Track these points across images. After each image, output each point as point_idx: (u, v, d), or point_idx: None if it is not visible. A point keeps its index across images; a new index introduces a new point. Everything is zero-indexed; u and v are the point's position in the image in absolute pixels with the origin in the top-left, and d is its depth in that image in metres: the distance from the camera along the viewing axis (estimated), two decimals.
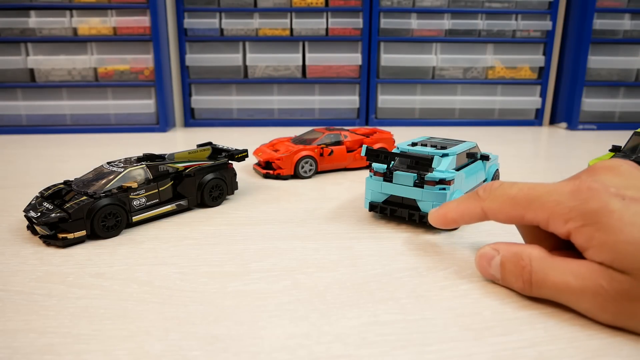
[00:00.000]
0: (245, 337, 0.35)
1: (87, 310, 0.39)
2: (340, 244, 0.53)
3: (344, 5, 1.37)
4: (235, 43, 1.38)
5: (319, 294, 0.42)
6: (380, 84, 1.44)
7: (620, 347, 0.34)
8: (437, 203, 0.54)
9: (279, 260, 0.49)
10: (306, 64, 1.40)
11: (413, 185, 0.56)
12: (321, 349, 0.34)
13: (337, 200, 0.69)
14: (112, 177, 0.57)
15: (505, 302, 0.40)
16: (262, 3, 1.36)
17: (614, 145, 0.68)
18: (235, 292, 0.42)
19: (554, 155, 1.06)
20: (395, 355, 0.33)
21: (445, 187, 0.54)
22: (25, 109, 1.31)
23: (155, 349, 0.34)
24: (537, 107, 1.47)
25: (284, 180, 0.81)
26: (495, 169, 0.70)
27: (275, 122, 1.44)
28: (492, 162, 0.70)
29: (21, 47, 1.27)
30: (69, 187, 0.57)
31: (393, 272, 0.46)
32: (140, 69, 1.32)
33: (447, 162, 0.57)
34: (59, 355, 0.33)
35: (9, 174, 0.85)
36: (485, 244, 0.44)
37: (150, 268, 0.47)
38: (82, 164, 0.93)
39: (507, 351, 0.34)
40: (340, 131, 0.88)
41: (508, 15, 1.40)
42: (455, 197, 0.55)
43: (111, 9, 1.27)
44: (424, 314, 0.38)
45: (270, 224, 0.59)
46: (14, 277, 0.45)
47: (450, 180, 0.55)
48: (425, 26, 1.39)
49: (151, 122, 1.35)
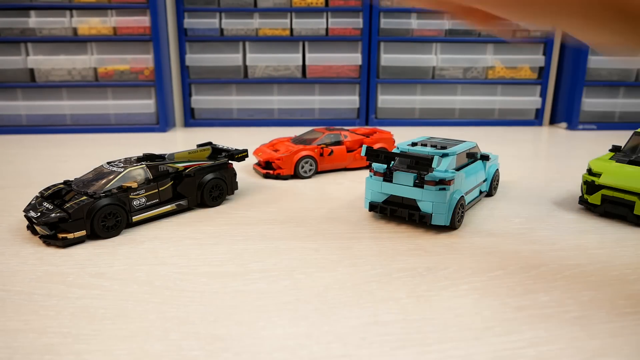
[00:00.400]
0: (245, 337, 0.35)
1: (87, 310, 0.39)
2: (340, 244, 0.53)
3: (344, 5, 1.37)
4: (235, 43, 1.38)
5: (319, 294, 0.42)
6: (380, 84, 1.43)
7: (621, 347, 0.34)
8: (437, 203, 0.54)
9: (279, 260, 0.49)
10: (306, 64, 1.40)
11: (413, 185, 0.56)
12: (321, 349, 0.34)
13: (337, 200, 0.69)
14: (112, 177, 0.57)
15: (505, 302, 0.40)
16: (262, 3, 1.36)
17: (614, 145, 0.68)
18: (235, 292, 0.42)
19: (554, 155, 1.06)
20: (395, 355, 0.33)
21: (445, 187, 0.54)
22: (25, 109, 1.31)
23: (155, 349, 0.34)
24: (537, 107, 1.47)
25: (284, 180, 0.81)
26: (495, 169, 0.70)
27: (275, 122, 1.44)
28: (492, 162, 0.70)
29: (21, 47, 1.27)
30: (69, 187, 0.57)
31: (393, 272, 0.46)
32: (140, 69, 1.32)
33: (447, 162, 0.57)
34: (59, 355, 0.33)
35: (8, 174, 0.85)
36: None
37: (150, 268, 0.47)
38: (82, 164, 0.93)
39: (507, 351, 0.34)
40: (340, 131, 0.88)
41: None
42: (455, 198, 0.55)
43: (111, 9, 1.27)
44: (424, 314, 0.38)
45: (270, 224, 0.59)
46: (14, 277, 0.45)
47: (450, 180, 0.55)
48: (425, 26, 1.39)
49: (151, 122, 1.35)
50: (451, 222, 0.55)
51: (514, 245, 0.53)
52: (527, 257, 0.50)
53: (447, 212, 0.55)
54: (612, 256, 0.50)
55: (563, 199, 0.70)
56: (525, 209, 0.65)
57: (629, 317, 0.38)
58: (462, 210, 0.57)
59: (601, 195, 0.61)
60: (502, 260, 0.49)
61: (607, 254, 0.51)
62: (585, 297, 0.41)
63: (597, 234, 0.57)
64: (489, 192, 0.70)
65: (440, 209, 0.54)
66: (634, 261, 0.49)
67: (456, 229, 0.57)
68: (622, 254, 0.51)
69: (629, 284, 0.44)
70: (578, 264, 0.48)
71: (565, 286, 0.43)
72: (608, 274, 0.46)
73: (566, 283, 0.44)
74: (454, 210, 0.55)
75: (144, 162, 0.61)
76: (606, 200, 0.61)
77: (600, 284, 0.44)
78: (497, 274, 0.46)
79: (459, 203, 0.56)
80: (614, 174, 0.60)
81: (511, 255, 0.50)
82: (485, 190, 0.69)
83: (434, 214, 0.55)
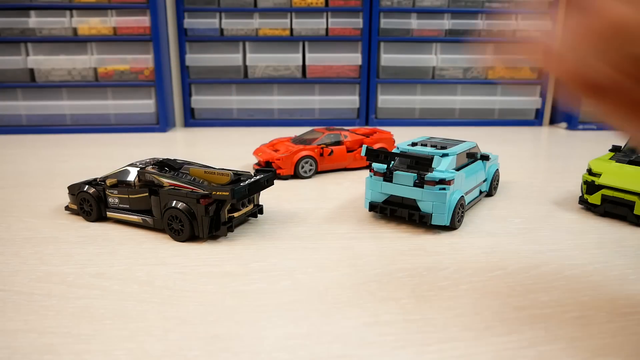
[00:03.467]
0: (245, 337, 0.35)
1: (87, 310, 0.39)
2: (340, 244, 0.53)
3: (344, 5, 1.37)
4: (235, 43, 1.38)
5: (319, 294, 0.42)
6: (380, 84, 1.43)
7: (621, 347, 0.34)
8: (437, 203, 0.54)
9: (279, 260, 0.49)
10: (306, 64, 1.40)
11: (413, 185, 0.56)
12: (321, 349, 0.34)
13: (337, 200, 0.69)
14: (116, 170, 0.60)
15: (505, 302, 0.40)
16: (262, 3, 1.36)
17: (614, 145, 0.68)
18: (235, 292, 0.42)
19: (554, 155, 1.06)
20: (395, 355, 0.33)
21: (445, 187, 0.54)
22: (25, 109, 1.31)
23: (155, 349, 0.34)
24: (537, 107, 1.47)
25: (284, 180, 0.81)
26: (495, 169, 0.70)
27: (275, 122, 1.44)
28: (492, 162, 0.70)
29: (21, 47, 1.27)
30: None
31: (393, 272, 0.46)
32: (140, 69, 1.32)
33: (447, 162, 0.57)
34: (59, 355, 0.33)
35: (9, 174, 0.85)
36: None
37: (150, 268, 0.47)
38: (82, 164, 0.93)
39: (507, 351, 0.34)
40: (340, 131, 0.88)
41: (508, 15, 1.40)
42: (455, 198, 0.55)
43: (111, 9, 1.27)
44: (424, 314, 0.38)
45: (270, 224, 0.59)
46: (14, 277, 0.45)
47: (450, 180, 0.55)
48: (425, 26, 1.39)
49: (151, 122, 1.35)
50: (451, 222, 0.55)
51: (514, 245, 0.53)
52: (527, 257, 0.50)
53: (447, 212, 0.55)
54: (612, 256, 0.50)
55: (563, 199, 0.70)
56: (525, 209, 0.65)
57: (629, 317, 0.38)
58: (462, 211, 0.57)
59: (601, 195, 0.61)
60: (502, 260, 0.49)
61: (607, 254, 0.51)
62: (585, 297, 0.41)
63: (597, 234, 0.57)
64: (489, 192, 0.70)
65: (440, 209, 0.54)
66: (634, 261, 0.49)
67: (456, 229, 0.57)
68: (622, 254, 0.51)
69: (629, 284, 0.44)
70: (578, 264, 0.48)
71: (565, 286, 0.43)
72: (608, 274, 0.46)
73: (566, 283, 0.44)
74: (454, 211, 0.55)
75: (140, 166, 0.58)
76: (606, 200, 0.61)
77: (600, 284, 0.44)
78: (497, 274, 0.46)
79: (459, 203, 0.56)
80: (614, 174, 0.60)
81: (511, 255, 0.50)
82: (485, 190, 0.69)
83: (434, 214, 0.55)
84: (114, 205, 0.59)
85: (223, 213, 0.53)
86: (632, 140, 0.37)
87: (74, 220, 0.60)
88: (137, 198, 0.57)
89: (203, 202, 0.51)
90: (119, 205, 0.59)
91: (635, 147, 0.64)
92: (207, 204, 0.51)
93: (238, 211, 0.56)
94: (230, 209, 0.55)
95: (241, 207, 0.57)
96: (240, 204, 0.56)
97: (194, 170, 0.56)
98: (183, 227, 0.53)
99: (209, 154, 1.05)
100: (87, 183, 0.60)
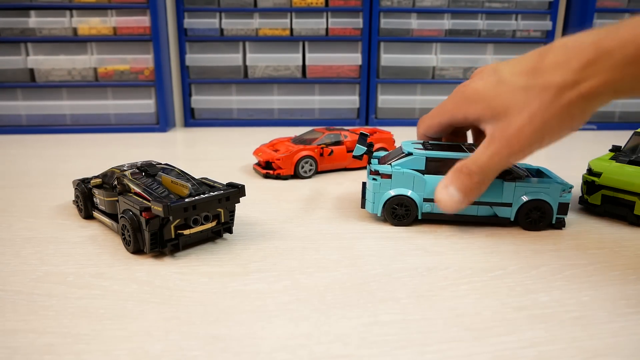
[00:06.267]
0: (245, 337, 0.35)
1: (87, 310, 0.39)
2: (340, 244, 0.53)
3: (344, 5, 1.37)
4: (235, 43, 1.38)
5: (319, 294, 0.42)
6: (380, 84, 1.43)
7: (621, 347, 0.34)
8: (368, 190, 0.59)
9: (279, 260, 0.49)
10: (306, 64, 1.40)
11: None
12: (321, 349, 0.34)
13: (337, 200, 0.69)
14: (104, 171, 0.61)
15: (505, 302, 0.40)
16: (262, 3, 1.36)
17: (614, 145, 0.68)
18: (235, 292, 0.42)
19: (554, 155, 1.06)
20: (395, 355, 0.33)
21: (376, 178, 0.58)
22: (25, 109, 1.31)
23: (155, 349, 0.34)
24: None
25: (284, 180, 0.81)
26: (535, 198, 0.68)
27: (275, 122, 1.44)
28: (530, 187, 0.68)
29: (21, 47, 1.27)
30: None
31: (393, 272, 0.46)
32: (140, 69, 1.32)
33: (408, 160, 0.58)
34: (59, 355, 0.33)
35: (9, 174, 0.85)
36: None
37: (150, 268, 0.47)
38: (82, 164, 0.93)
39: (507, 351, 0.34)
40: (340, 131, 0.88)
41: (508, 15, 1.40)
42: (388, 194, 0.58)
43: (111, 9, 1.27)
44: (424, 314, 0.38)
45: (270, 224, 0.59)
46: (14, 277, 0.45)
47: (385, 174, 0.57)
48: (425, 26, 1.39)
49: (151, 122, 1.35)
50: (382, 214, 0.59)
51: (514, 245, 0.53)
52: (527, 257, 0.50)
53: (375, 202, 0.58)
54: (612, 256, 0.50)
55: None
56: None
57: (629, 317, 0.38)
58: (405, 210, 0.58)
59: (601, 195, 0.61)
60: (502, 260, 0.49)
61: (607, 254, 0.51)
62: (585, 297, 0.41)
63: (597, 234, 0.57)
64: (519, 222, 0.66)
65: (370, 196, 0.59)
66: (634, 261, 0.49)
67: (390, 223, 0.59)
68: (622, 254, 0.51)
69: (629, 284, 0.44)
70: (578, 264, 0.48)
71: (565, 286, 0.43)
72: (608, 274, 0.46)
73: (566, 283, 0.44)
74: (384, 204, 0.58)
75: (127, 169, 0.57)
76: (606, 200, 0.61)
77: (600, 284, 0.44)
78: (497, 274, 0.46)
79: (391, 200, 0.58)
80: (614, 174, 0.60)
81: (511, 255, 0.50)
82: (507, 217, 0.59)
83: (367, 200, 0.60)
84: (97, 205, 0.59)
85: (167, 229, 0.48)
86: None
87: (74, 220, 0.60)
88: (110, 202, 0.56)
89: (145, 215, 0.47)
90: (98, 206, 0.59)
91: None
92: (149, 217, 0.47)
93: (191, 228, 0.50)
94: (180, 225, 0.50)
95: (193, 224, 0.50)
96: (192, 221, 0.49)
97: (165, 178, 0.52)
98: (128, 240, 0.50)
99: (208, 154, 1.05)
100: (82, 180, 0.61)
